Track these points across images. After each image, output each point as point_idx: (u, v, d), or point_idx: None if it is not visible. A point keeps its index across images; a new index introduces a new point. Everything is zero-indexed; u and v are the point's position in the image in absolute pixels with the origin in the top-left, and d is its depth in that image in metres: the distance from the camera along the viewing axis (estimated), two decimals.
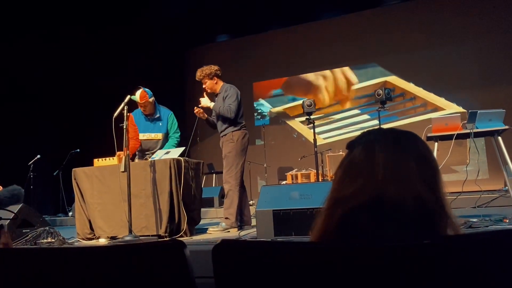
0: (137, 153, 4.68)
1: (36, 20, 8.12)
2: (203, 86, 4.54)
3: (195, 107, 4.44)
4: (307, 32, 9.75)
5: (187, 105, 9.58)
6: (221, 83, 4.57)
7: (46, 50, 8.30)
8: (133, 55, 8.95)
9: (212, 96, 4.58)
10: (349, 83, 9.53)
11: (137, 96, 4.34)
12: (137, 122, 4.62)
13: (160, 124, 4.63)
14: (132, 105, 4.16)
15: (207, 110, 4.55)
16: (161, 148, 4.55)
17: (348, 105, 9.51)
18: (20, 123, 8.17)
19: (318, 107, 8.25)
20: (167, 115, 4.67)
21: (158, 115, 4.63)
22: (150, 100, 4.49)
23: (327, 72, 9.70)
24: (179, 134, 4.68)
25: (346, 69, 9.56)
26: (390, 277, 0.74)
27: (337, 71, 9.62)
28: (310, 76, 9.84)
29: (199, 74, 4.52)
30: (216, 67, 4.54)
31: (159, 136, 4.60)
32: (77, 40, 8.45)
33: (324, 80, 9.72)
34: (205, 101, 4.49)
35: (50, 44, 8.29)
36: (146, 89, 4.47)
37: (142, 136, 4.61)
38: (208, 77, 4.49)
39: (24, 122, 8.28)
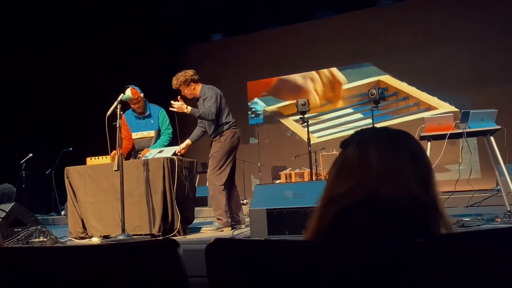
0: (132, 153, 4.65)
1: (35, 19, 8.07)
2: (182, 93, 4.40)
3: (172, 101, 4.15)
4: (302, 31, 9.75)
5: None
6: (199, 87, 4.41)
7: (45, 49, 8.27)
8: (131, 54, 8.93)
9: (194, 101, 4.46)
10: (337, 83, 9.56)
11: (129, 93, 4.28)
12: (128, 122, 4.59)
13: (152, 121, 4.59)
14: (124, 106, 4.11)
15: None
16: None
17: (341, 104, 9.53)
18: (19, 123, 8.12)
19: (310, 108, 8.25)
20: (157, 112, 4.62)
21: (148, 113, 4.59)
22: (141, 95, 4.47)
23: (315, 74, 9.72)
24: (171, 130, 4.63)
25: (334, 70, 9.59)
26: (384, 275, 0.74)
27: (325, 72, 9.65)
28: (299, 80, 9.86)
29: (175, 82, 4.36)
30: (191, 72, 4.37)
31: (152, 133, 4.57)
32: (76, 39, 8.41)
33: (312, 82, 9.74)
34: (178, 105, 4.17)
35: (49, 43, 8.27)
36: (135, 86, 4.43)
37: (135, 135, 4.58)
38: (184, 84, 4.33)
39: (24, 121, 8.23)
